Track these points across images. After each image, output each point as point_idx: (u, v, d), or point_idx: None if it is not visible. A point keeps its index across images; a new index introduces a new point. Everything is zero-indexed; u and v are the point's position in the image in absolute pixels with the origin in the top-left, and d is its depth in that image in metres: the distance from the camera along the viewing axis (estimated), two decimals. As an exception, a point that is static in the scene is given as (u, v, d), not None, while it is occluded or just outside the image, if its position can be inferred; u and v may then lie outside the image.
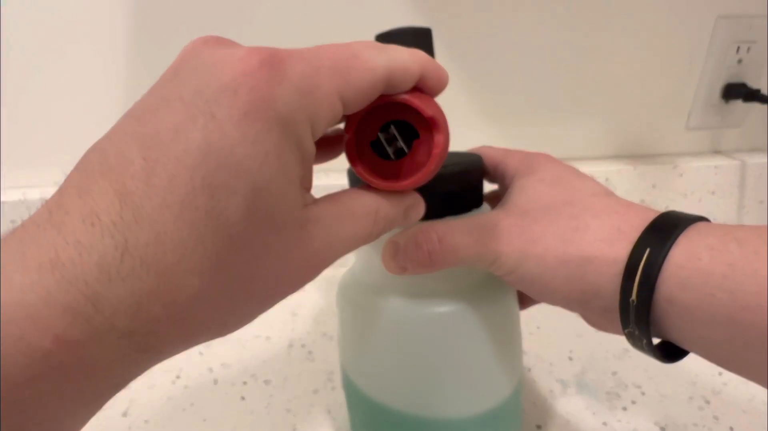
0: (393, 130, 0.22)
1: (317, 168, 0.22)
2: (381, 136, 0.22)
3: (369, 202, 0.21)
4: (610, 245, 0.22)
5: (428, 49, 0.27)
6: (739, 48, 0.56)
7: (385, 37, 0.26)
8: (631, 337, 0.23)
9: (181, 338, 0.17)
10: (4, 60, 0.46)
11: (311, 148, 0.18)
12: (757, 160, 0.62)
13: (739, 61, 0.57)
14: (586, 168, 0.59)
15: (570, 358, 0.44)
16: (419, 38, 0.26)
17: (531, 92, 0.56)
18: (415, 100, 0.21)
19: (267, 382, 0.42)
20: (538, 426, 0.38)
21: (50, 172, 0.51)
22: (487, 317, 0.28)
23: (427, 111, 0.21)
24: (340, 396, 0.40)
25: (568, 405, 0.40)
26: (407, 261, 0.25)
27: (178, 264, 0.15)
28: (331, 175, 0.53)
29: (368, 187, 0.22)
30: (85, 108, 0.49)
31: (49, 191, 0.54)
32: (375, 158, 0.22)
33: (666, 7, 0.54)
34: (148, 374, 0.45)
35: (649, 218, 0.23)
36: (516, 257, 0.24)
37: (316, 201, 0.19)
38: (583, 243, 0.23)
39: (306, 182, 0.19)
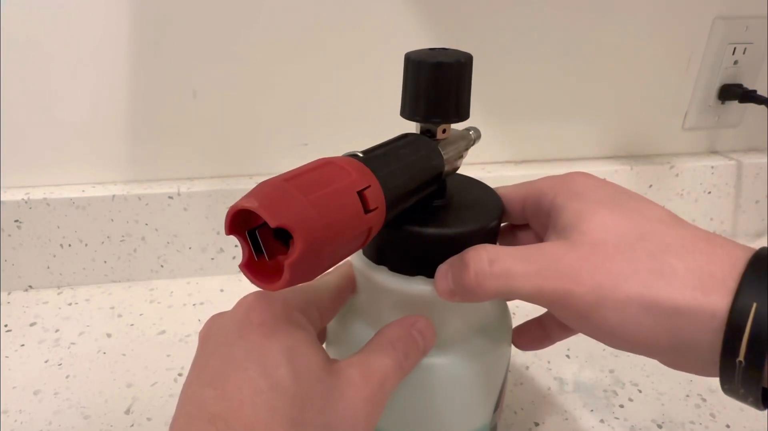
0: (257, 234, 0.20)
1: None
2: (249, 237, 0.20)
3: (382, 332, 0.26)
4: (705, 294, 0.20)
5: (448, 81, 0.25)
6: (735, 49, 0.57)
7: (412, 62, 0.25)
8: (731, 392, 0.21)
9: None
10: (4, 60, 0.46)
11: (310, 327, 0.25)
12: (753, 160, 0.62)
13: (736, 62, 0.57)
14: (583, 168, 0.59)
15: (567, 356, 0.45)
16: (440, 71, 0.25)
17: (528, 93, 0.56)
18: (263, 209, 0.18)
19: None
20: (536, 424, 0.38)
21: (51, 172, 0.51)
22: (472, 372, 0.28)
23: (273, 221, 0.18)
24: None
25: (566, 402, 0.40)
26: (455, 282, 0.24)
27: None
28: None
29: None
30: (86, 108, 0.49)
31: (50, 191, 0.54)
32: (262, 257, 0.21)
33: (663, 7, 0.54)
34: (150, 372, 0.45)
35: (741, 258, 0.20)
36: (590, 300, 0.21)
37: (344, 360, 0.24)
38: (672, 291, 0.20)
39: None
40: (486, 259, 0.23)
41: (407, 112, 0.27)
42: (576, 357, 0.45)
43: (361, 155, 0.24)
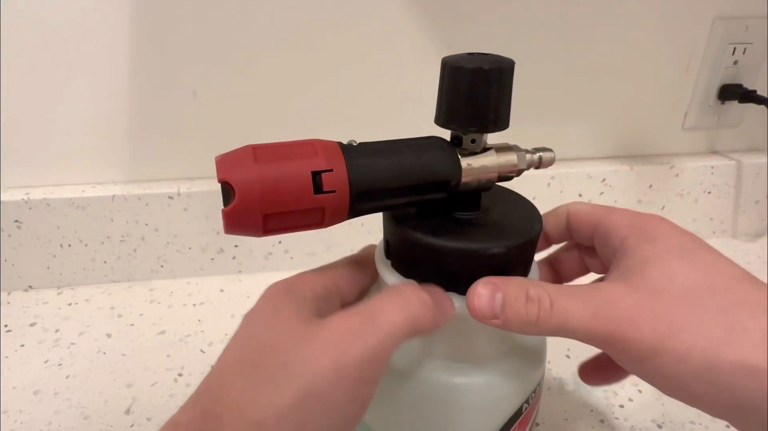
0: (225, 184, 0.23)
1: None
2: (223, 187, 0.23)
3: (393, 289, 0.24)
4: None
5: (484, 89, 0.25)
6: (735, 49, 0.57)
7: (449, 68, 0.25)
8: None
9: None
10: (5, 60, 0.46)
11: (309, 296, 0.24)
12: (753, 160, 0.62)
13: (735, 62, 0.57)
14: (583, 168, 0.59)
15: (567, 356, 0.45)
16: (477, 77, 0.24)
17: (528, 93, 0.56)
18: (218, 165, 0.22)
19: (268, 380, 0.42)
20: (536, 424, 0.38)
21: (51, 172, 0.51)
22: (505, 393, 0.27)
23: (219, 175, 0.22)
24: (340, 394, 0.40)
25: (566, 402, 0.40)
26: (510, 310, 0.23)
27: (234, 381, 0.21)
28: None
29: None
30: (86, 108, 0.49)
31: (50, 191, 0.54)
32: None
33: (663, 8, 0.54)
34: (150, 372, 0.45)
35: None
36: (647, 347, 0.21)
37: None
38: (742, 349, 0.19)
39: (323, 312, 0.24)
40: (548, 298, 0.22)
41: (435, 116, 0.26)
42: (576, 358, 0.44)
43: (355, 144, 0.25)
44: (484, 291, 0.23)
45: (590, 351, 0.45)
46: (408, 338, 0.22)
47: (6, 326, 0.48)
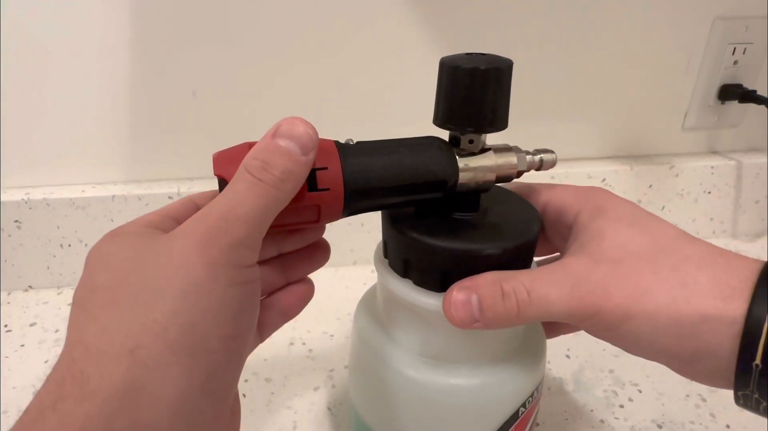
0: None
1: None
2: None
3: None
4: (725, 302, 0.21)
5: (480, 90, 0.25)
6: (735, 49, 0.57)
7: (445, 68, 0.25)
8: (744, 399, 0.22)
9: None
10: (5, 60, 0.46)
11: (136, 228, 0.22)
12: (753, 160, 0.62)
13: (735, 62, 0.57)
14: (583, 168, 0.59)
15: (567, 356, 0.45)
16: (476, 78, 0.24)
17: (528, 93, 0.56)
18: (214, 161, 0.23)
19: (268, 380, 0.42)
20: (537, 424, 0.38)
21: (51, 172, 0.51)
22: (501, 395, 0.27)
23: (216, 170, 0.23)
24: (340, 394, 0.41)
25: (566, 402, 0.40)
26: (490, 311, 0.23)
27: (85, 334, 0.20)
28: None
29: None
30: (86, 108, 0.49)
31: (50, 191, 0.53)
32: None
33: (663, 8, 0.54)
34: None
35: (754, 269, 0.22)
36: (620, 313, 0.22)
37: None
38: (697, 300, 0.21)
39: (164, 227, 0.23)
40: (524, 289, 0.23)
41: (433, 116, 0.26)
42: (576, 357, 0.45)
43: (352, 143, 0.25)
44: (460, 296, 0.24)
45: (589, 351, 0.45)
46: (276, 211, 0.21)
47: (6, 326, 0.48)
